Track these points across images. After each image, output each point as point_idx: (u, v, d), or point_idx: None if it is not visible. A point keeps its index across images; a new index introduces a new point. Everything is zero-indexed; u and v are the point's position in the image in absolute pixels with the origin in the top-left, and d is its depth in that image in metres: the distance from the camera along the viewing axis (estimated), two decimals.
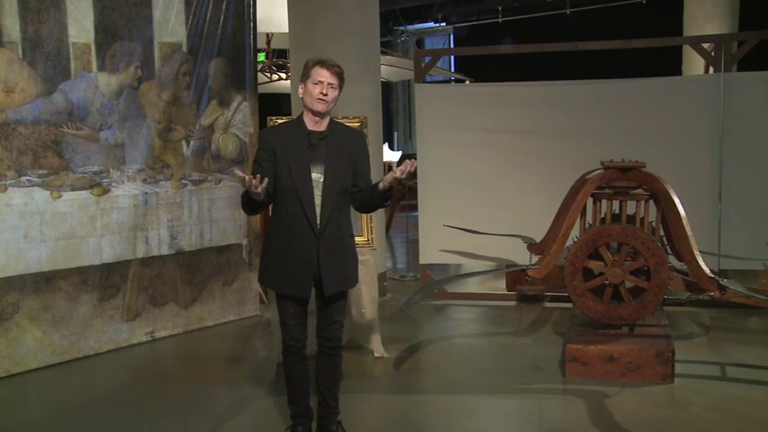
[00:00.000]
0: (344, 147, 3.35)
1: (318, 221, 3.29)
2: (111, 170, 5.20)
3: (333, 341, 3.47)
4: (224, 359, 5.09)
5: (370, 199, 3.38)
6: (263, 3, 6.87)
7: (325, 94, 3.25)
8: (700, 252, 4.54)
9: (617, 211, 4.95)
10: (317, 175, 3.28)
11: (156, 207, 5.47)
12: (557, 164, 6.29)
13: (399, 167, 3.16)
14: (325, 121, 3.35)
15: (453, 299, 6.68)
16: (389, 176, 3.22)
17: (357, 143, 3.44)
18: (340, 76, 3.30)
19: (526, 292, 6.48)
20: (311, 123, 3.33)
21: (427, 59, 7.06)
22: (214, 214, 5.83)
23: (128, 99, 5.27)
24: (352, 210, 3.51)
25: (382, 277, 6.67)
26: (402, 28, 19.03)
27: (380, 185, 3.27)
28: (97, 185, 5.13)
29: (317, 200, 3.28)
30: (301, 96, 3.32)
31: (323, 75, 3.25)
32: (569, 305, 5.64)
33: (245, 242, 6.06)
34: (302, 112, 3.37)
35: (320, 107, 3.26)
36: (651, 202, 4.79)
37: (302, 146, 3.29)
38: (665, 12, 12.71)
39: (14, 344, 4.75)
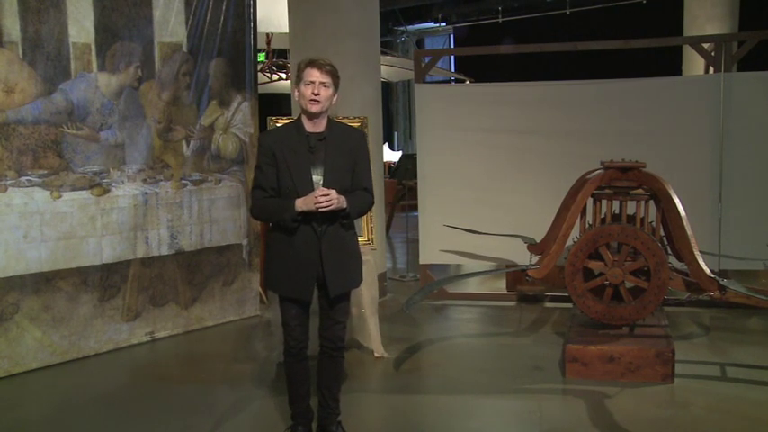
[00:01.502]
0: (343, 147, 3.34)
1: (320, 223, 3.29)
2: (111, 170, 5.20)
3: (335, 342, 3.47)
4: (224, 359, 5.09)
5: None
6: (263, 3, 6.87)
7: (317, 94, 3.22)
8: (700, 252, 4.54)
9: (617, 212, 4.95)
10: (317, 177, 3.27)
11: (156, 207, 5.47)
12: (557, 164, 6.29)
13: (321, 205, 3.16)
14: (324, 122, 3.33)
15: (453, 299, 6.68)
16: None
17: (356, 143, 3.41)
18: (332, 74, 3.27)
19: (526, 292, 6.48)
20: (309, 125, 3.31)
21: (427, 59, 7.06)
22: (214, 214, 5.83)
23: (128, 99, 5.27)
24: None
25: (382, 277, 6.67)
26: (402, 28, 19.05)
27: None
28: (97, 185, 5.13)
29: None
30: (297, 99, 3.31)
31: (314, 75, 3.23)
32: (569, 305, 5.64)
33: (245, 242, 6.06)
34: (300, 115, 3.36)
35: (313, 108, 3.24)
36: (651, 202, 4.79)
37: (302, 149, 3.28)
38: (665, 12, 12.71)
39: (14, 344, 4.75)
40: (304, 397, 3.54)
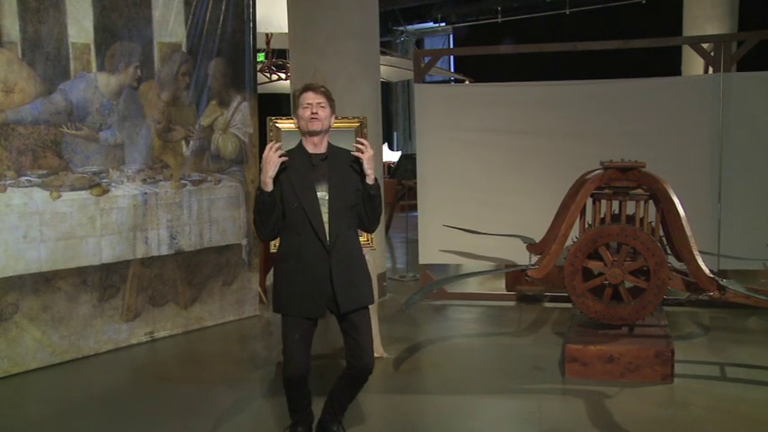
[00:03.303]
0: (346, 166, 3.39)
1: (328, 237, 3.28)
2: (110, 170, 5.20)
3: (365, 371, 3.38)
4: (224, 359, 5.09)
5: (366, 202, 3.37)
6: (263, 3, 6.87)
7: (316, 113, 3.30)
8: (699, 252, 4.54)
9: (617, 212, 4.95)
10: (322, 194, 3.31)
11: (156, 207, 5.47)
12: (557, 164, 6.29)
13: (359, 149, 3.27)
14: (324, 143, 3.40)
15: (453, 299, 6.68)
16: (364, 165, 3.29)
17: (359, 164, 3.42)
18: (326, 95, 3.36)
19: (526, 292, 6.48)
20: (311, 147, 3.38)
21: (427, 60, 7.06)
22: (214, 214, 5.83)
23: (127, 99, 5.27)
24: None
25: (382, 277, 6.66)
26: (402, 28, 19.02)
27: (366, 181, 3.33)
28: (97, 185, 5.13)
29: (325, 216, 3.29)
30: (297, 126, 3.39)
31: (309, 97, 3.33)
32: (569, 305, 5.64)
33: (244, 242, 6.05)
34: (300, 140, 3.42)
35: (314, 126, 3.31)
36: (651, 202, 4.79)
37: (305, 167, 3.34)
38: (665, 12, 12.69)
39: (14, 344, 4.75)
40: (304, 409, 3.52)
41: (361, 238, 4.92)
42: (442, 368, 4.83)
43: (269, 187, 3.23)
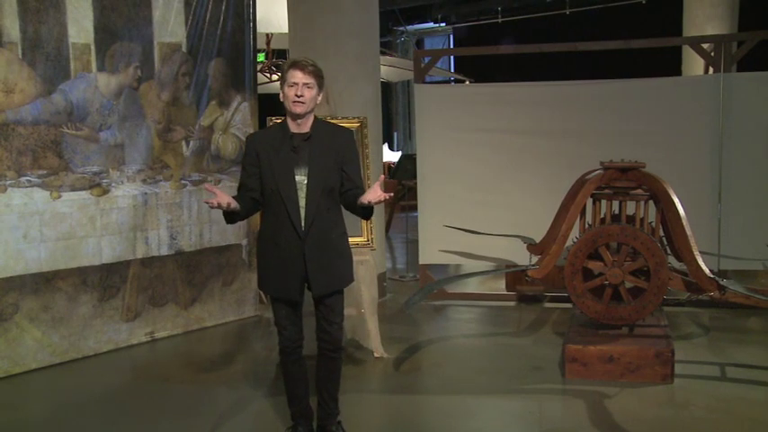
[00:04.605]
0: (329, 146, 3.33)
1: (303, 223, 3.28)
2: (110, 170, 5.20)
3: (332, 343, 3.45)
4: (224, 359, 5.09)
5: (353, 208, 3.36)
6: (263, 3, 6.87)
7: (301, 95, 3.22)
8: (699, 252, 4.54)
9: (617, 212, 4.95)
10: (300, 177, 3.28)
11: (156, 207, 5.47)
12: (556, 164, 6.29)
13: (372, 196, 3.12)
14: (309, 122, 3.33)
15: (453, 299, 6.68)
16: (366, 197, 3.17)
17: (343, 141, 3.39)
18: (315, 74, 3.25)
19: (526, 292, 6.48)
20: (294, 126, 3.32)
21: (427, 60, 7.06)
22: (213, 215, 5.82)
23: (127, 99, 5.27)
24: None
25: (382, 277, 6.66)
26: (402, 28, 19.03)
27: (358, 201, 3.24)
28: (97, 186, 5.13)
29: (301, 201, 3.28)
30: (282, 101, 3.31)
31: (297, 76, 3.22)
32: (569, 305, 5.64)
33: (244, 242, 6.05)
34: (286, 116, 3.37)
35: (298, 109, 3.24)
36: (651, 202, 4.79)
37: (285, 149, 3.30)
38: (665, 12, 12.70)
39: (14, 344, 4.75)
40: (302, 397, 3.54)
41: (360, 238, 4.98)
42: (442, 368, 4.83)
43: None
